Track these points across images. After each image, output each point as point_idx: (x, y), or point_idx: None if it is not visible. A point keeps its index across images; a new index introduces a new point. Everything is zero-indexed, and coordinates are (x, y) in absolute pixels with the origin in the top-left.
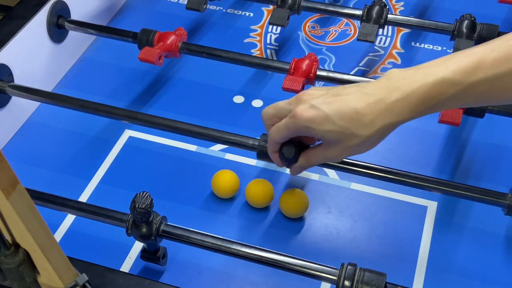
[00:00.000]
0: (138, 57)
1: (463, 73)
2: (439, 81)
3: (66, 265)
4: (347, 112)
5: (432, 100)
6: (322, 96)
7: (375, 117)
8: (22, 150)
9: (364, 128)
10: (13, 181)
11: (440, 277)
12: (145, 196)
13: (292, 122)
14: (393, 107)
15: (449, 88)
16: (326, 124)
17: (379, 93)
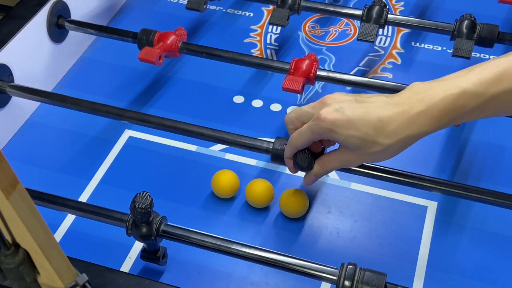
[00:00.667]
0: (138, 57)
1: (485, 84)
2: (461, 93)
3: (66, 265)
4: (371, 120)
5: (454, 112)
6: (347, 101)
7: (397, 127)
8: (22, 150)
9: (386, 137)
10: (13, 181)
11: (440, 277)
12: (145, 196)
13: (316, 125)
14: (416, 119)
15: (471, 100)
16: (349, 129)
17: (402, 104)
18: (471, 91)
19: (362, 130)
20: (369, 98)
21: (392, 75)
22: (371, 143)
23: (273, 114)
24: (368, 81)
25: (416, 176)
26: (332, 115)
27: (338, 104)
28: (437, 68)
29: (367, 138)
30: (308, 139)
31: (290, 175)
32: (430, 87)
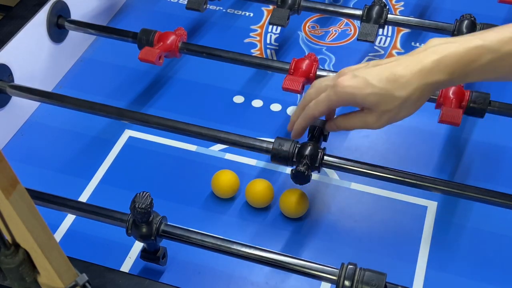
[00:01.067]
0: (138, 57)
1: (501, 42)
2: (476, 47)
3: (66, 265)
4: (385, 75)
5: (468, 65)
6: (362, 67)
7: (411, 77)
8: (22, 150)
9: (402, 88)
10: (13, 181)
11: (440, 277)
12: (145, 196)
13: (334, 92)
14: (429, 68)
15: (485, 54)
16: (367, 88)
17: (417, 57)
18: (486, 46)
19: (378, 86)
20: (384, 60)
21: None
22: (389, 97)
23: (273, 114)
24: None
25: (416, 176)
26: (349, 81)
27: (355, 71)
28: None
29: (384, 93)
30: (326, 106)
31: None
32: (446, 40)
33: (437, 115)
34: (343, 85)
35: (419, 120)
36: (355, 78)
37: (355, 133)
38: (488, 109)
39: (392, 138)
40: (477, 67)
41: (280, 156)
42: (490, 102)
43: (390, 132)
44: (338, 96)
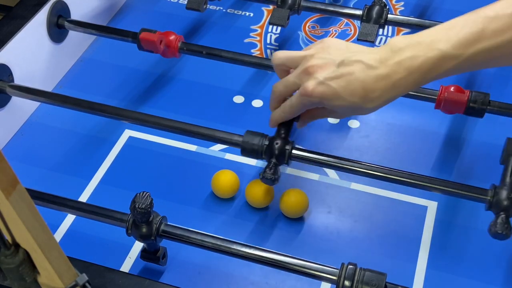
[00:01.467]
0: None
1: (464, 46)
2: (440, 56)
3: (66, 265)
4: (356, 89)
5: (432, 73)
6: (330, 71)
7: (381, 92)
8: (22, 150)
9: (371, 102)
10: (13, 181)
11: (440, 277)
12: (145, 196)
13: (306, 99)
14: (398, 84)
15: (449, 61)
16: (337, 100)
17: (384, 68)
18: (450, 54)
19: (348, 100)
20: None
21: None
22: (358, 109)
23: None
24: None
25: (416, 176)
26: (318, 89)
27: (321, 75)
28: None
29: (354, 106)
30: (300, 110)
31: (290, 175)
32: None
33: (437, 115)
34: (312, 95)
35: (419, 120)
36: (323, 86)
37: (355, 133)
38: (488, 109)
39: (392, 138)
40: (441, 73)
41: (249, 150)
42: (490, 102)
43: (390, 132)
44: (311, 103)
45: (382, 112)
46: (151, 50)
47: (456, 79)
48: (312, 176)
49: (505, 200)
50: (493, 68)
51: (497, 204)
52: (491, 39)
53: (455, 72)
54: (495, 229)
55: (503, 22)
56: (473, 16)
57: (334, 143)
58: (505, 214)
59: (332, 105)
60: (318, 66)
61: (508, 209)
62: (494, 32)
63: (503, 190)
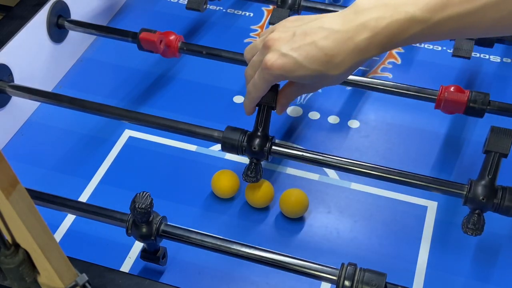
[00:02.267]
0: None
1: (431, 10)
2: (407, 19)
3: (66, 265)
4: (317, 56)
5: (399, 36)
6: (289, 41)
7: (345, 56)
8: (22, 150)
9: (335, 68)
10: (13, 181)
11: (440, 277)
12: (145, 196)
13: (266, 74)
14: (361, 46)
15: (416, 25)
16: (299, 70)
17: (347, 31)
18: (417, 17)
19: (311, 68)
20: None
21: (392, 75)
22: (323, 76)
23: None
24: (368, 81)
25: (416, 176)
26: (278, 61)
27: (282, 47)
28: (437, 68)
29: (318, 74)
30: (264, 87)
31: (290, 175)
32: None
33: (437, 115)
34: (273, 67)
35: (419, 120)
36: (283, 58)
37: (355, 133)
38: (488, 109)
39: (392, 138)
40: (407, 37)
41: (229, 145)
42: (490, 102)
43: (390, 132)
44: (272, 77)
45: (382, 112)
46: (151, 50)
47: (456, 79)
48: (312, 176)
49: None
50: (493, 68)
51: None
52: (459, 5)
53: (423, 38)
54: (466, 229)
55: None
56: None
57: (334, 143)
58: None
59: (295, 76)
60: (277, 38)
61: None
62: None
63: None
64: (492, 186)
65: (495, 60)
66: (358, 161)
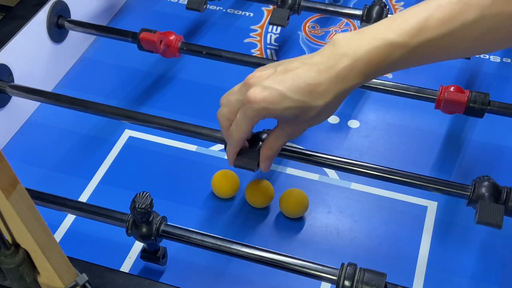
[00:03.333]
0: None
1: (409, 35)
2: (386, 45)
3: (66, 265)
4: (301, 86)
5: (379, 64)
6: (271, 76)
7: (327, 85)
8: (22, 150)
9: (319, 98)
10: (13, 181)
11: (440, 277)
12: (145, 196)
13: (249, 109)
14: (343, 74)
15: (396, 51)
16: (283, 102)
17: (327, 61)
18: (395, 42)
19: (295, 98)
20: (291, 64)
21: (392, 75)
22: (307, 108)
23: None
24: (368, 81)
25: (416, 176)
26: (261, 94)
27: (264, 82)
28: (437, 68)
29: (303, 105)
30: (247, 126)
31: (290, 175)
32: (353, 39)
33: (437, 115)
34: (256, 101)
35: (419, 120)
36: (267, 91)
37: (355, 133)
38: (488, 109)
39: (392, 138)
40: (388, 63)
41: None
42: (490, 102)
43: (390, 132)
44: (256, 112)
45: (382, 112)
46: (151, 50)
47: (456, 79)
48: (312, 176)
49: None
50: (493, 68)
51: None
52: (437, 28)
53: (406, 63)
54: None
55: (448, 11)
56: (417, 7)
57: (334, 143)
58: None
59: (279, 109)
60: (258, 76)
61: None
62: (439, 21)
63: None
64: (497, 186)
65: (495, 60)
66: (358, 161)
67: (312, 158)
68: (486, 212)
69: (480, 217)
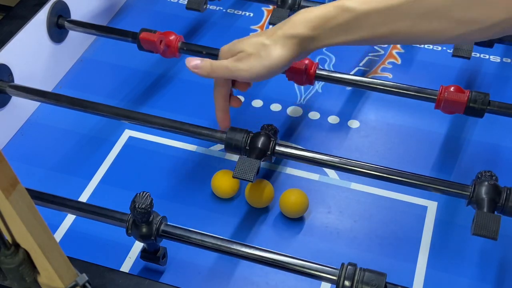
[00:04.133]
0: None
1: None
2: (335, 6)
3: (66, 265)
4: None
5: (326, 22)
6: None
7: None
8: (22, 150)
9: (268, 37)
10: (13, 181)
11: (440, 277)
12: (145, 196)
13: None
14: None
15: (343, 13)
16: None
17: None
18: (344, 6)
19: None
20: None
21: (392, 75)
22: (259, 44)
23: (273, 114)
24: (368, 81)
25: (416, 176)
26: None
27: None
28: (437, 68)
29: (259, 42)
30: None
31: (290, 175)
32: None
33: (437, 115)
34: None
35: (419, 120)
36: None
37: (355, 133)
38: (488, 109)
39: (392, 138)
40: (335, 25)
41: (232, 146)
42: (490, 102)
43: (390, 132)
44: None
45: (382, 112)
46: (151, 50)
47: (456, 79)
48: (312, 176)
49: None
50: (493, 68)
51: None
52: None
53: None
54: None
55: None
56: None
57: (334, 143)
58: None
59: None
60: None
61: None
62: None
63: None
64: (497, 187)
65: (495, 60)
66: (358, 161)
67: (312, 158)
68: (482, 223)
69: (475, 229)
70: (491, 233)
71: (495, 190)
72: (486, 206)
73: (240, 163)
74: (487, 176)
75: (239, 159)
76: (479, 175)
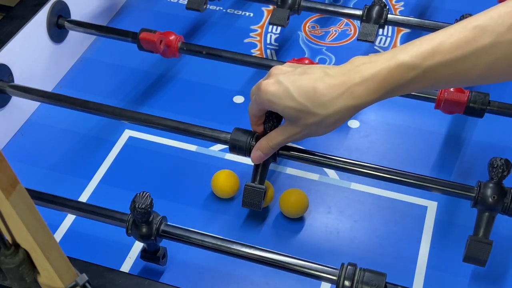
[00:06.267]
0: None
1: (421, 57)
2: (398, 65)
3: (66, 265)
4: (306, 89)
5: (391, 84)
6: (288, 73)
7: (333, 98)
8: (22, 150)
9: (321, 107)
10: (13, 181)
11: (440, 277)
12: (145, 196)
13: (257, 96)
14: (353, 90)
15: (408, 72)
16: (286, 99)
17: (341, 76)
18: (407, 63)
19: (297, 100)
20: (311, 69)
21: None
22: (307, 113)
23: None
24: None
25: (416, 176)
26: (271, 87)
27: (281, 76)
28: None
29: (303, 109)
30: (254, 109)
31: (290, 175)
32: (369, 60)
33: (437, 115)
34: (265, 91)
35: (419, 120)
36: (277, 85)
37: (355, 133)
38: (488, 109)
39: (392, 138)
40: (401, 84)
41: (237, 147)
42: (490, 102)
43: (390, 132)
44: (261, 100)
45: (382, 112)
46: (151, 50)
47: None
48: (312, 176)
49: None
50: None
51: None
52: (450, 52)
53: (418, 86)
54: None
55: (462, 36)
56: (434, 33)
57: (334, 143)
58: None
59: (282, 104)
60: (280, 68)
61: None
62: (452, 45)
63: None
64: (502, 187)
65: None
66: (358, 161)
67: (312, 158)
68: (474, 250)
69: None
70: (480, 262)
71: (500, 191)
72: (484, 228)
73: (246, 193)
74: (502, 165)
75: (245, 188)
76: (493, 161)
